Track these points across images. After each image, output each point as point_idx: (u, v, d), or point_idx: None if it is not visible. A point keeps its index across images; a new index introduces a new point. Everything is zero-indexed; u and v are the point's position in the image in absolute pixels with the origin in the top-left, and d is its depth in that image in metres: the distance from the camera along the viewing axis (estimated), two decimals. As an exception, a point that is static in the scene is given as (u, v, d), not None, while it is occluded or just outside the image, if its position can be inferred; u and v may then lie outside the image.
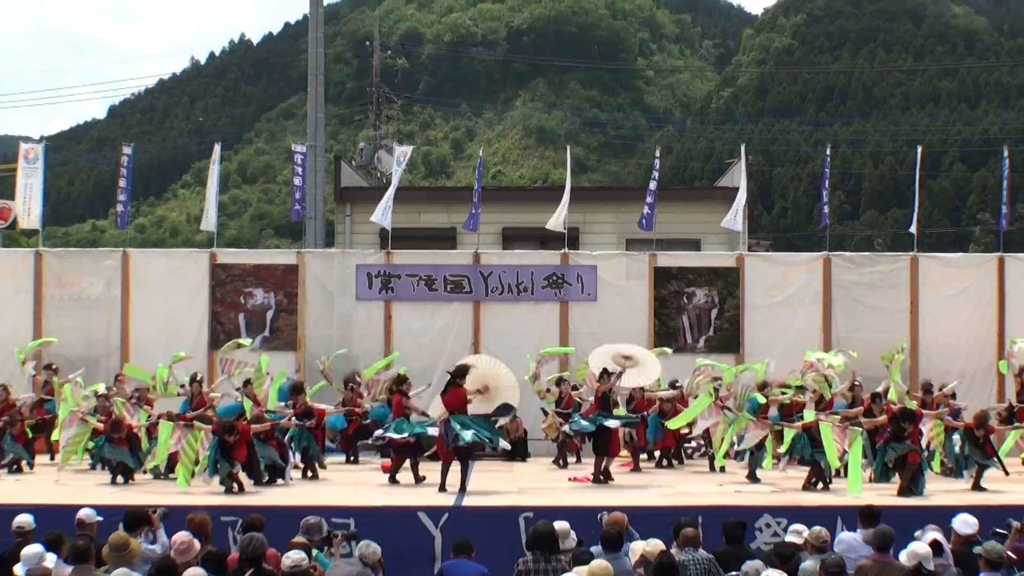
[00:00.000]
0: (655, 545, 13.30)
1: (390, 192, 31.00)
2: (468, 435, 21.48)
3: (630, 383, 25.04)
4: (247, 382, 26.05)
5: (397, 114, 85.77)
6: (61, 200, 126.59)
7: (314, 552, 14.07)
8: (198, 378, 25.81)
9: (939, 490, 21.39)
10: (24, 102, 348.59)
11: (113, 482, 22.79)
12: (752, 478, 23.31)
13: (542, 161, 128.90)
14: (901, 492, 20.98)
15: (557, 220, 31.01)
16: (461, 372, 22.51)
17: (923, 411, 23.20)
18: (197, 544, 13.47)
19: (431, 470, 22.39)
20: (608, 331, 29.86)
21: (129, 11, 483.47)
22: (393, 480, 22.93)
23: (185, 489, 21.04)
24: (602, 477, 23.33)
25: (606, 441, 23.39)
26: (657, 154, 33.91)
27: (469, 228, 31.46)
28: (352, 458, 27.61)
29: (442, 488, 21.37)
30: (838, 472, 22.34)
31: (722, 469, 25.11)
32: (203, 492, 20.64)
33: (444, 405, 22.26)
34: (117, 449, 23.14)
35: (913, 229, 32.06)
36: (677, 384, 27.15)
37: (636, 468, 25.92)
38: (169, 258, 32.42)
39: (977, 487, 22.12)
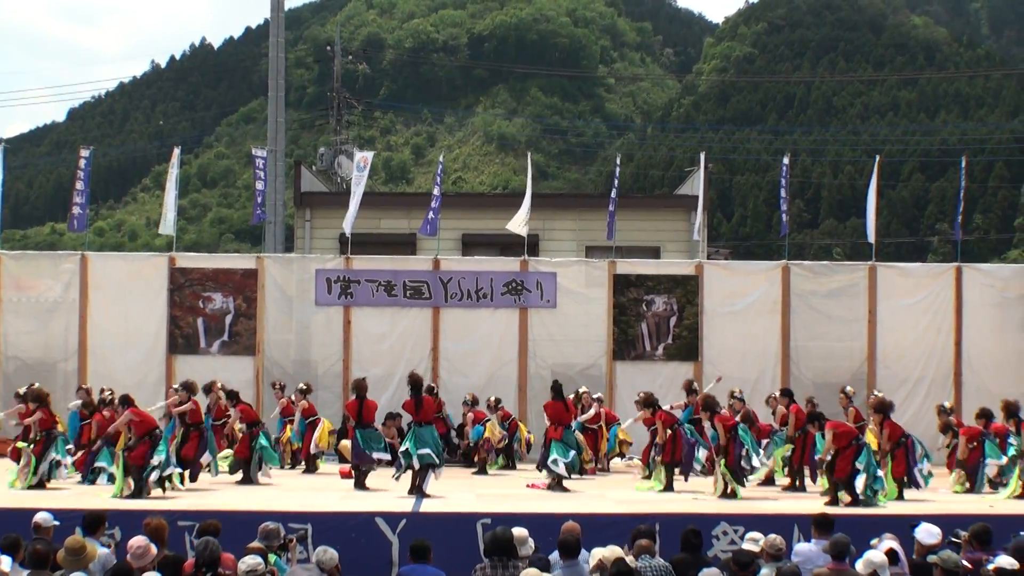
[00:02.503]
0: (612, 551, 13.30)
1: (356, 200, 30.95)
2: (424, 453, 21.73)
3: None
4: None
5: (358, 119, 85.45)
6: (20, 203, 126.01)
7: (272, 558, 14.04)
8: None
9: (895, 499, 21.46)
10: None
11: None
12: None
13: (503, 167, 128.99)
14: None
15: (517, 222, 30.99)
16: (418, 383, 22.67)
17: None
18: (154, 549, 13.42)
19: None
20: (567, 338, 30.04)
21: (88, 14, 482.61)
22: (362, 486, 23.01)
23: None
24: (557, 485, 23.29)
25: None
26: (618, 162, 33.97)
27: (426, 233, 31.39)
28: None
29: (412, 491, 21.48)
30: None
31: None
32: (160, 497, 20.56)
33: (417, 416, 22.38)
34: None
35: (872, 238, 32.12)
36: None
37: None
38: (128, 262, 32.33)
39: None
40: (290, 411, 27.05)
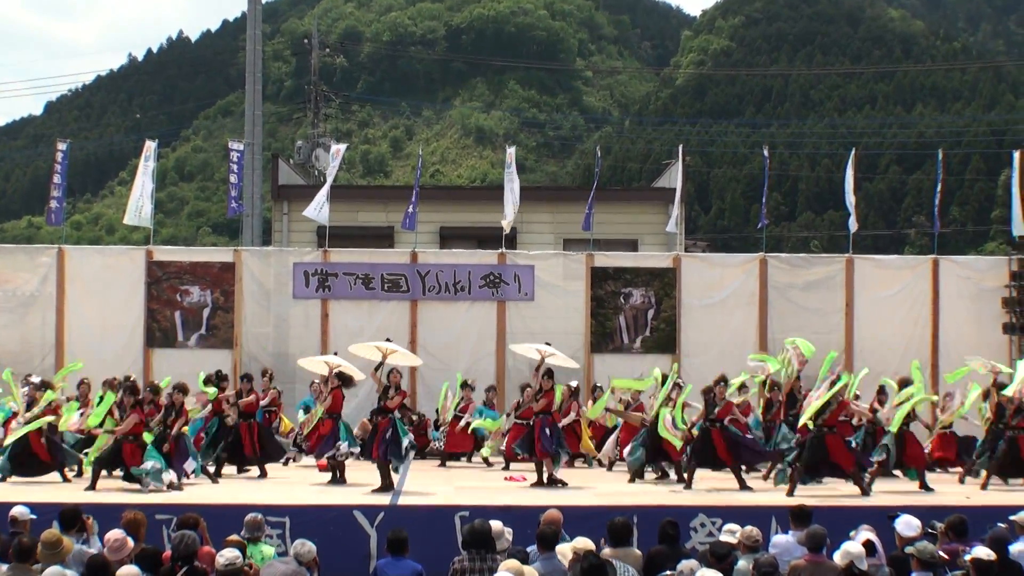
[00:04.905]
0: (584, 543, 13.28)
1: (325, 188, 30.94)
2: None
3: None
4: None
5: (335, 112, 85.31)
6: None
7: (250, 550, 14.04)
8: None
9: (875, 490, 21.47)
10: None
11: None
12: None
13: (480, 160, 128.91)
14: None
15: (508, 219, 31.17)
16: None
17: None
18: (131, 542, 13.39)
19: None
20: (545, 331, 29.91)
21: (65, 6, 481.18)
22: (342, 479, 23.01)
23: (121, 487, 20.96)
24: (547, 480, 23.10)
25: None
26: (598, 154, 34.00)
27: (406, 227, 31.42)
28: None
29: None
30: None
31: None
32: (138, 490, 20.51)
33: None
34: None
35: (852, 228, 32.14)
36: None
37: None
38: (105, 255, 32.17)
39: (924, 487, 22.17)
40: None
